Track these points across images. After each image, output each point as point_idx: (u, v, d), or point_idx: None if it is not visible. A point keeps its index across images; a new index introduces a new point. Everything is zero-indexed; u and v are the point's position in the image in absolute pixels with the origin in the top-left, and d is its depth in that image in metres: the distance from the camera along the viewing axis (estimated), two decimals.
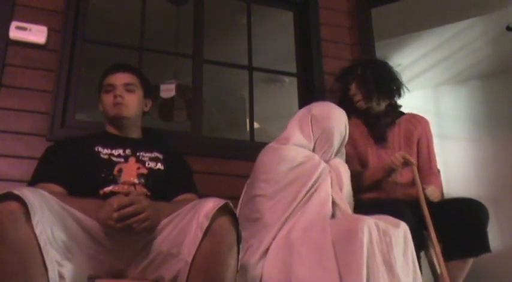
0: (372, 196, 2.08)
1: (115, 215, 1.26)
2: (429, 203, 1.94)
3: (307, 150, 1.85)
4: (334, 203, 1.75)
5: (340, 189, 1.80)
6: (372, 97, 2.20)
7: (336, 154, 1.92)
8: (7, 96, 2.05)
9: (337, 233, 1.53)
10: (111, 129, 1.74)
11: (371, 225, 1.50)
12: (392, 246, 1.51)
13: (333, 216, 1.73)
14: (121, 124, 1.72)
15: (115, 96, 1.68)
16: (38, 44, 2.16)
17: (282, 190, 1.75)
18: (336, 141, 1.86)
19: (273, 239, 1.66)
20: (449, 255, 1.89)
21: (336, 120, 1.87)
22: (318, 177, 1.76)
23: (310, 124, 1.87)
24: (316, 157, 1.83)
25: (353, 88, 2.26)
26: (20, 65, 2.11)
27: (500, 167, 3.84)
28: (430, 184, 2.03)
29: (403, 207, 1.82)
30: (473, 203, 1.92)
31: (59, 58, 2.17)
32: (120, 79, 1.72)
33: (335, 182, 1.79)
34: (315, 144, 1.86)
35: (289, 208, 1.70)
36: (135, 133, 1.77)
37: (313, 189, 1.74)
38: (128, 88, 1.72)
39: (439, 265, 1.79)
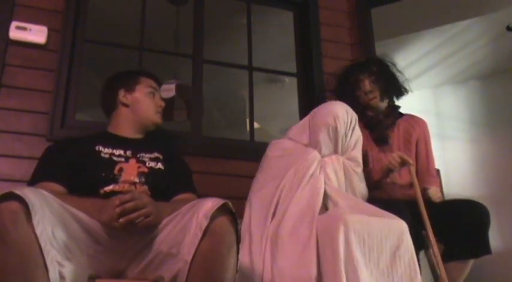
0: (372, 197, 2.08)
1: (117, 210, 1.26)
2: (431, 203, 1.94)
3: (301, 144, 1.87)
4: (326, 195, 1.73)
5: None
6: (387, 94, 2.22)
7: (336, 148, 1.83)
8: (7, 96, 2.05)
9: (321, 230, 1.55)
10: (119, 130, 1.75)
11: (351, 224, 1.48)
12: (376, 247, 1.50)
13: (326, 208, 1.72)
14: (146, 129, 1.81)
15: (160, 105, 1.83)
16: (38, 44, 2.16)
17: (270, 175, 1.82)
18: (322, 136, 1.79)
19: (267, 231, 1.67)
20: (449, 256, 1.90)
21: (320, 115, 1.83)
22: (309, 166, 1.75)
23: (308, 121, 1.88)
24: (310, 150, 1.82)
25: (367, 84, 2.21)
26: (20, 65, 2.11)
27: (500, 167, 3.84)
28: (432, 185, 2.04)
29: (403, 207, 1.82)
30: (475, 205, 1.92)
31: (59, 58, 2.17)
32: (158, 88, 1.88)
33: (327, 176, 1.78)
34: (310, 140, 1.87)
35: (277, 193, 1.72)
36: (139, 135, 1.78)
37: (305, 180, 1.73)
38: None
39: (437, 265, 1.79)
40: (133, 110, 1.77)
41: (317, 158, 1.79)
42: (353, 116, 1.84)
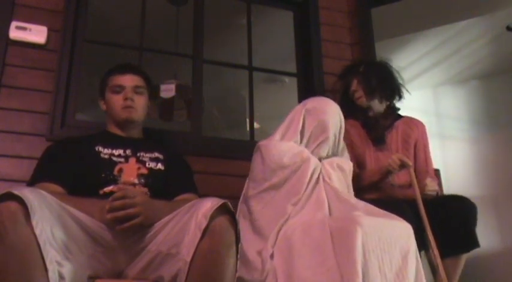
0: (372, 197, 2.08)
1: (106, 206, 1.28)
2: (425, 202, 1.94)
3: (294, 143, 1.82)
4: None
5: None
6: (373, 94, 2.21)
7: (337, 148, 1.90)
8: (7, 96, 2.05)
9: (335, 231, 1.53)
10: (114, 130, 1.75)
11: (367, 227, 1.48)
12: (388, 251, 1.50)
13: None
14: (128, 126, 1.74)
15: (126, 99, 1.70)
16: (38, 44, 2.16)
17: (272, 190, 1.74)
18: (331, 133, 1.85)
19: (275, 243, 1.64)
20: (443, 252, 1.90)
21: (330, 112, 1.88)
22: (311, 178, 1.74)
23: (301, 119, 1.85)
24: (305, 152, 1.80)
25: (354, 84, 2.26)
26: (20, 65, 2.11)
27: (500, 167, 3.84)
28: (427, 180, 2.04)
29: (405, 207, 1.83)
30: (460, 200, 1.95)
31: (59, 58, 2.17)
32: (130, 81, 1.73)
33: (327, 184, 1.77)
34: (309, 137, 1.84)
35: (285, 212, 1.69)
36: (137, 133, 1.78)
37: (308, 191, 1.73)
38: (137, 91, 1.74)
39: (437, 265, 1.79)
40: (108, 113, 1.77)
41: (317, 165, 1.78)
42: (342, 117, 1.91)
